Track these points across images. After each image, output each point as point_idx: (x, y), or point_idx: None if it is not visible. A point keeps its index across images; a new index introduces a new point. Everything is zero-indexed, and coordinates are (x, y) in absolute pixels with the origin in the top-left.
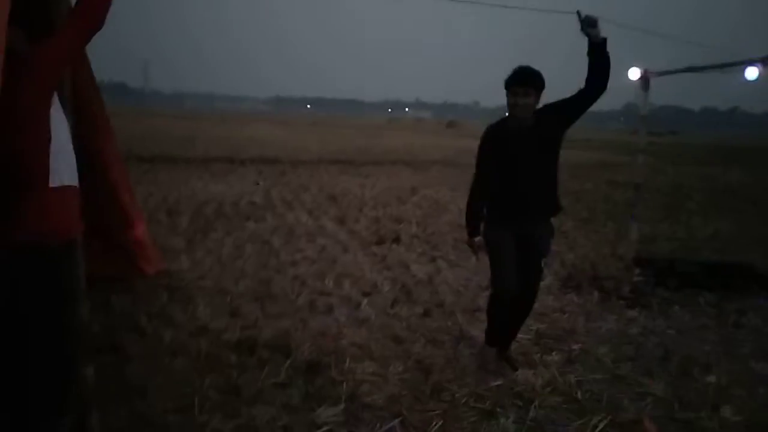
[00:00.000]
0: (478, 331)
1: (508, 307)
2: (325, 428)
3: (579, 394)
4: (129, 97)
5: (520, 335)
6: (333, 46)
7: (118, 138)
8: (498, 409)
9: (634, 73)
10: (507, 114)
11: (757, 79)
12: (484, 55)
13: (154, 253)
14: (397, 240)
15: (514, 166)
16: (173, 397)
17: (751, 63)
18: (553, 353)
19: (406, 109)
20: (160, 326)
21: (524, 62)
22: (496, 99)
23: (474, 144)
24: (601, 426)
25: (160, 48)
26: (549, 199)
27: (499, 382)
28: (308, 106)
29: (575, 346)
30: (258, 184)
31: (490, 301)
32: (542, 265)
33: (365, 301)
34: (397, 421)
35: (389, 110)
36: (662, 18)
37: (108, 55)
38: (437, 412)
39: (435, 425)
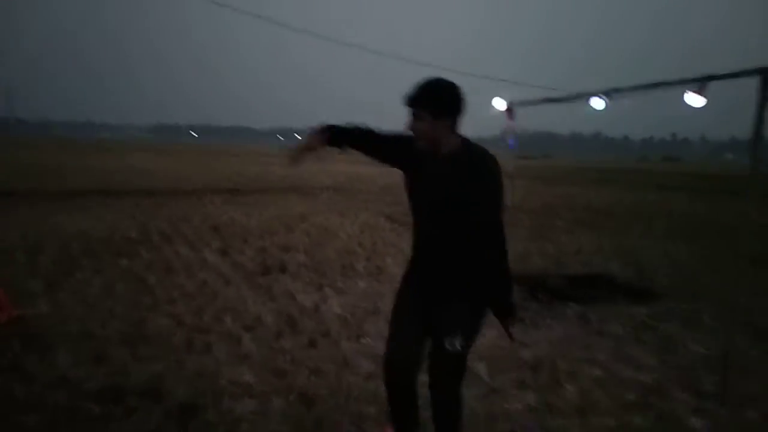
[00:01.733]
0: (363, 357)
1: (398, 390)
2: None
3: None
4: None
5: None
6: (219, 72)
7: None
8: None
9: (499, 104)
10: None
11: (602, 109)
12: (375, 81)
13: (4, 298)
14: (283, 269)
15: (419, 201)
16: None
17: (596, 95)
18: None
19: (297, 136)
20: (11, 380)
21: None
22: (391, 123)
23: (368, 170)
24: None
25: (27, 75)
26: (459, 270)
27: (380, 407)
28: (194, 134)
29: None
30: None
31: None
32: (452, 347)
33: (247, 336)
34: None
35: (279, 137)
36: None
37: None
38: None
39: None
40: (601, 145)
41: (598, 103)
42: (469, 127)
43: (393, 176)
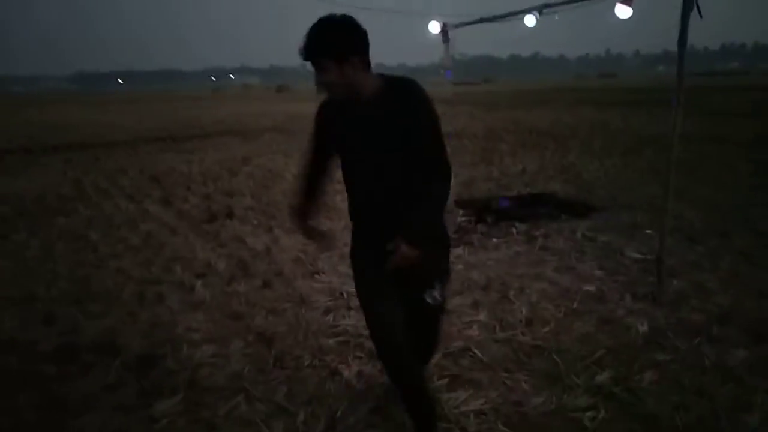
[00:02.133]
0: (318, 294)
1: (402, 371)
2: (164, 421)
3: None
4: None
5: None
6: (140, 13)
7: None
8: (341, 366)
9: (434, 26)
10: None
11: (534, 26)
12: (309, 15)
13: None
14: (230, 215)
15: (352, 159)
16: None
17: (530, 11)
18: None
19: (231, 76)
20: None
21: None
22: None
23: (306, 108)
24: (435, 359)
25: None
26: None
27: (340, 339)
28: (119, 80)
29: None
30: None
31: (380, 360)
32: (434, 300)
33: (199, 282)
34: (240, 396)
35: (213, 78)
36: None
37: None
38: (281, 379)
39: (280, 393)
40: (540, 66)
41: (530, 20)
42: (408, 56)
43: None
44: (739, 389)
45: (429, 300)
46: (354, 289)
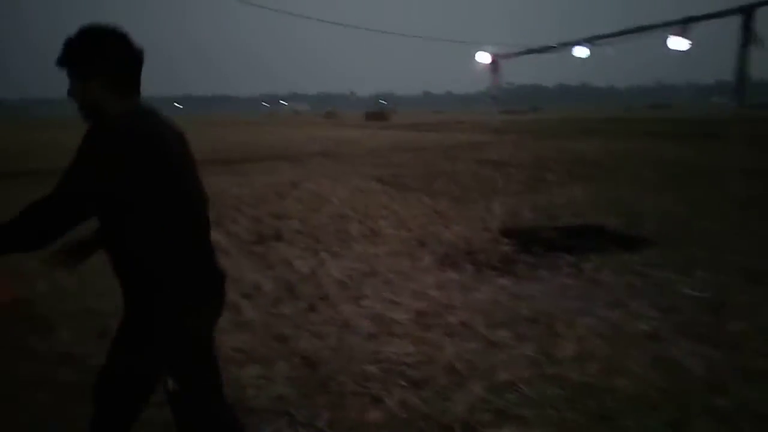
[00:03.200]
0: (361, 319)
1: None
2: None
3: (458, 365)
4: None
5: (401, 315)
6: (196, 42)
7: None
8: (383, 393)
9: (483, 57)
10: None
11: (585, 57)
12: (357, 43)
13: (5, 279)
14: (278, 237)
15: None
16: None
17: (580, 42)
18: (433, 329)
19: (282, 102)
20: (16, 359)
21: (395, 52)
22: (370, 88)
23: (353, 133)
24: (479, 393)
25: (6, 50)
26: (132, 272)
27: (383, 366)
28: (179, 105)
29: (453, 320)
30: None
31: None
32: (172, 386)
33: (246, 303)
34: (283, 420)
35: (265, 104)
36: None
37: None
38: (324, 404)
39: (323, 418)
40: (588, 96)
41: (581, 51)
42: (454, 84)
43: (379, 139)
44: None
45: (167, 387)
46: (397, 316)
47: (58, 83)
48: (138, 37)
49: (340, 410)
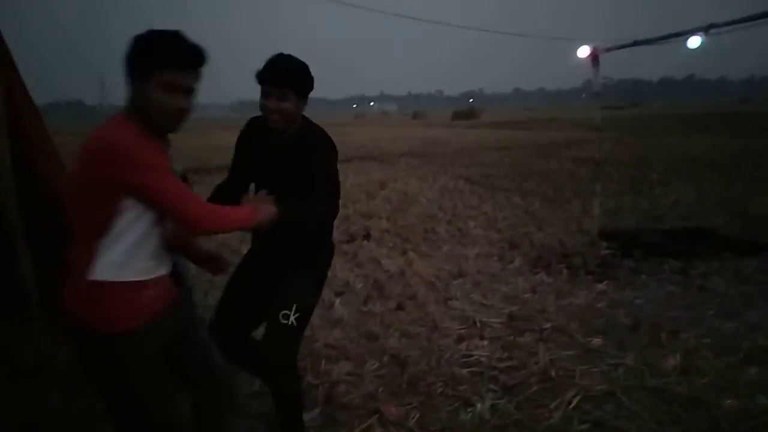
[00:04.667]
0: (451, 320)
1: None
2: None
3: (552, 373)
4: (87, 114)
5: (492, 319)
6: (288, 46)
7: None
8: (474, 397)
9: (583, 51)
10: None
11: (698, 48)
12: (445, 43)
13: None
14: (367, 236)
15: (259, 184)
16: None
17: (693, 33)
18: (526, 334)
19: (371, 104)
20: None
21: (485, 50)
22: (458, 87)
23: (441, 133)
24: (574, 402)
25: (117, 59)
26: (294, 250)
27: (473, 369)
28: None
29: (547, 325)
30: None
31: None
32: (283, 318)
33: (338, 300)
34: (374, 418)
35: (354, 106)
36: None
37: (61, 72)
38: (414, 405)
39: (413, 418)
40: (695, 89)
41: (694, 41)
42: (547, 81)
43: (467, 138)
44: None
45: (282, 320)
46: (487, 319)
47: None
48: (219, 38)
49: (430, 411)
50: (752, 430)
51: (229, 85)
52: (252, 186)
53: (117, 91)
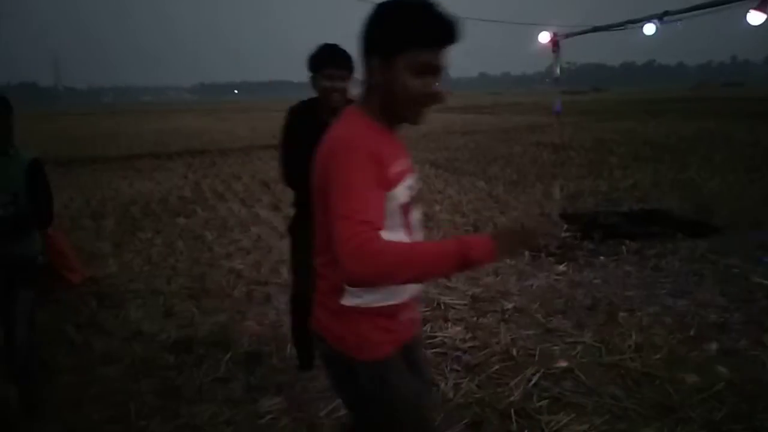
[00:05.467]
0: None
1: (296, 310)
2: (267, 417)
3: (514, 352)
4: (41, 97)
5: (456, 301)
6: (254, 28)
7: (31, 142)
8: (438, 377)
9: (544, 37)
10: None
11: (654, 34)
12: None
13: (77, 261)
14: None
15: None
16: (108, 406)
17: (649, 20)
18: (488, 315)
19: None
20: (91, 336)
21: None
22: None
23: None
24: (534, 379)
25: (72, 41)
26: None
27: (437, 350)
28: (235, 91)
29: (509, 306)
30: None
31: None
32: None
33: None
34: (339, 400)
35: None
36: None
37: (13, 52)
38: None
39: None
40: (655, 74)
41: (650, 28)
42: (512, 65)
43: (433, 122)
44: None
45: None
46: (451, 301)
47: (122, 71)
48: (194, 23)
49: None
50: (701, 402)
51: (190, 68)
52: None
53: (73, 72)
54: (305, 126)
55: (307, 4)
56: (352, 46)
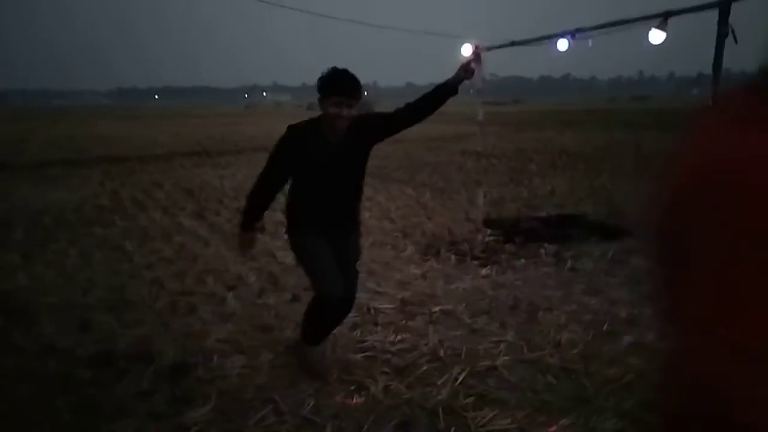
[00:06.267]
0: None
1: (335, 309)
2: (194, 429)
3: (441, 353)
4: None
5: (385, 305)
6: (178, 33)
7: None
8: (368, 380)
9: (467, 49)
10: (322, 118)
11: (566, 50)
12: (341, 34)
13: None
14: (261, 229)
15: (325, 176)
16: (21, 425)
17: (563, 35)
18: (417, 318)
19: (264, 94)
20: (0, 352)
21: (379, 44)
22: None
23: None
24: (461, 378)
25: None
26: (357, 209)
27: (367, 354)
28: (156, 96)
29: (436, 308)
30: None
31: (316, 305)
32: (359, 269)
33: (230, 294)
34: (269, 408)
35: (246, 95)
36: None
37: None
38: (309, 392)
39: (308, 405)
40: (571, 88)
41: (563, 44)
42: (439, 76)
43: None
44: None
45: (357, 267)
46: (380, 305)
47: (33, 74)
48: (111, 26)
49: (325, 397)
50: (614, 393)
51: (106, 72)
52: (306, 176)
53: None
54: (306, 143)
55: (232, 9)
56: (276, 51)
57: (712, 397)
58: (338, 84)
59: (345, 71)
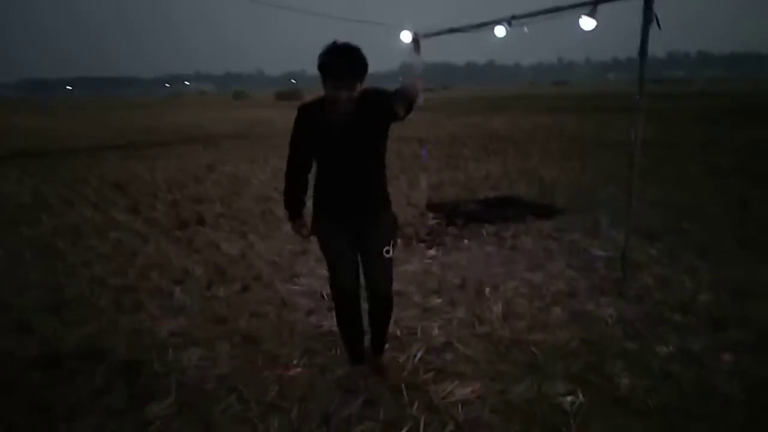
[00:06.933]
0: (299, 297)
1: (351, 307)
2: (158, 423)
3: (398, 332)
4: None
5: None
6: (91, 19)
7: None
8: (330, 364)
9: (406, 36)
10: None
11: (504, 36)
12: (264, 22)
13: None
14: (201, 222)
15: (336, 158)
16: None
17: (499, 22)
18: None
19: (186, 83)
20: None
21: (306, 31)
22: (280, 67)
23: (265, 114)
24: (419, 355)
25: None
26: (377, 193)
27: (326, 339)
28: (68, 87)
29: None
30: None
31: (335, 305)
32: (386, 253)
33: (177, 288)
34: (233, 396)
35: (167, 85)
36: None
37: None
38: (272, 379)
39: (272, 391)
40: (495, 74)
41: (500, 30)
42: (376, 65)
43: (291, 120)
44: (702, 372)
45: (386, 254)
46: None
47: None
48: (14, 14)
49: (288, 383)
50: (561, 359)
51: (11, 62)
52: (321, 157)
53: None
54: (315, 122)
55: None
56: (197, 39)
57: None
58: (333, 66)
59: (344, 48)
